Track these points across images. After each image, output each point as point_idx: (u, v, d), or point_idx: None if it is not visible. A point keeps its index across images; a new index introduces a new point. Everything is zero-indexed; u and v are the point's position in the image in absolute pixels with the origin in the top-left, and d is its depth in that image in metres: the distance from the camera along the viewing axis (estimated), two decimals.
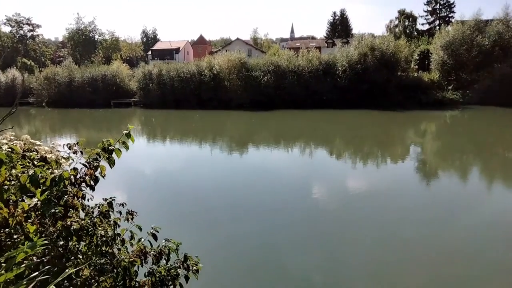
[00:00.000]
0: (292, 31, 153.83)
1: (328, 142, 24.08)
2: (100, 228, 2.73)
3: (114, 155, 2.96)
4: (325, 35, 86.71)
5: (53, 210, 2.56)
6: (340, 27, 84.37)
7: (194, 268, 3.04)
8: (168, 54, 76.64)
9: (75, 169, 2.96)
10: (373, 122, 31.87)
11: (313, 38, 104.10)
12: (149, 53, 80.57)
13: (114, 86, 47.12)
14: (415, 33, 66.17)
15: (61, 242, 2.71)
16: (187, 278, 3.03)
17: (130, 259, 2.77)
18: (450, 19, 63.16)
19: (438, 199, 12.96)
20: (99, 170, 2.95)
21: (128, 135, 2.95)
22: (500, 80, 35.96)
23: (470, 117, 32.87)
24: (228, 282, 8.00)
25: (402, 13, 68.01)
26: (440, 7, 67.00)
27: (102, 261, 2.71)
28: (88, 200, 3.03)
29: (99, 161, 2.96)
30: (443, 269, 8.25)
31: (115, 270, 2.65)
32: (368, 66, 37.56)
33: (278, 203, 12.47)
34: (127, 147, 2.99)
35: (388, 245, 9.42)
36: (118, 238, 2.84)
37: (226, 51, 48.98)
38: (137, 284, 2.74)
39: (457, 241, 9.52)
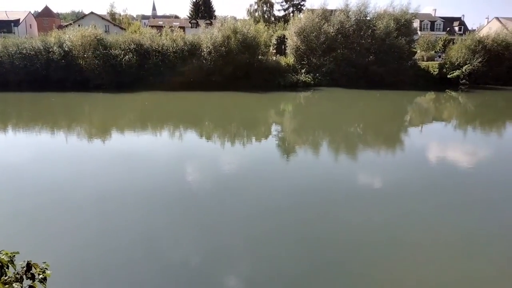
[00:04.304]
0: (154, 9, 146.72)
1: (197, 124, 24.11)
2: None
3: None
4: (189, 15, 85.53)
5: None
6: (203, 8, 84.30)
7: (41, 276, 2.66)
8: (5, 26, 65.14)
9: None
10: (237, 103, 33.23)
11: (176, 17, 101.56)
12: None
13: None
14: (273, 19, 70.64)
15: None
16: None
17: None
18: (302, 7, 69.33)
19: (296, 169, 14.52)
20: None
21: None
22: (342, 64, 41.51)
23: (320, 98, 37.19)
24: (91, 285, 7.38)
25: None
26: None
27: None
28: None
29: None
30: (308, 228, 9.30)
31: None
32: (231, 49, 38.63)
33: (149, 190, 11.93)
34: None
35: (262, 216, 10.13)
36: None
37: (79, 26, 43.80)
38: None
39: (318, 199, 10.81)
